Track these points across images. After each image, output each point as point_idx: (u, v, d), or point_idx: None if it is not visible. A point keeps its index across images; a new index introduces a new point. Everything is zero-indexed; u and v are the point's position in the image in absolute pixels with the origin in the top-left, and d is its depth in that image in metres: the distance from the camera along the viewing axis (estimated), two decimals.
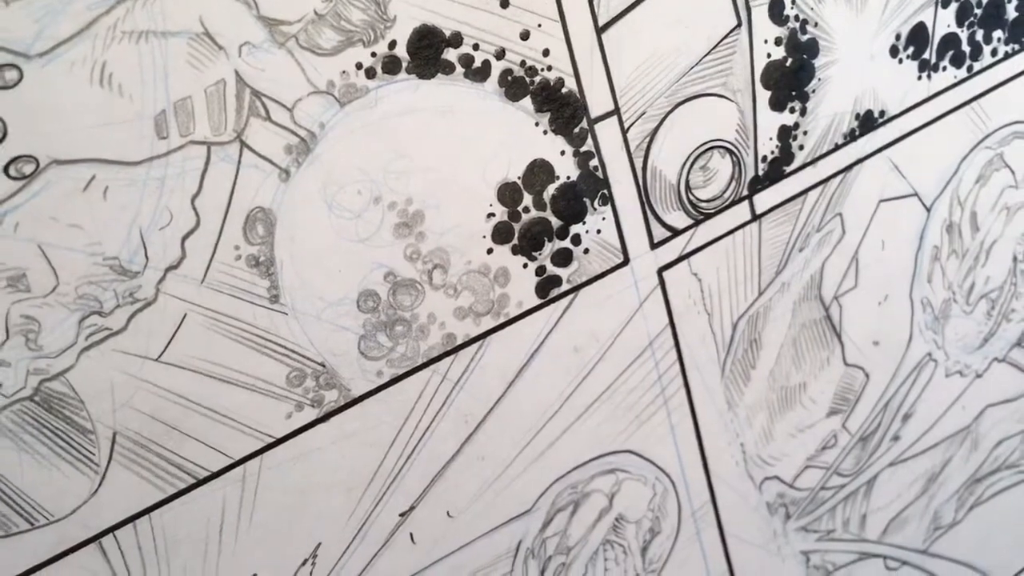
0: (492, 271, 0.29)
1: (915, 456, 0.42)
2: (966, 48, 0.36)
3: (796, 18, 0.32)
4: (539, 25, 0.28)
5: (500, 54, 0.27)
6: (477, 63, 0.27)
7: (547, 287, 0.30)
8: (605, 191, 0.30)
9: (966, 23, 0.36)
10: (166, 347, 0.25)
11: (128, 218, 0.24)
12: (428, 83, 0.26)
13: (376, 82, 0.26)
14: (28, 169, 0.22)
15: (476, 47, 0.27)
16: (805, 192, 0.34)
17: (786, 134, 0.33)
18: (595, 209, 0.30)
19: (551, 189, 0.29)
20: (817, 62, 0.33)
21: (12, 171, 0.22)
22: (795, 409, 0.37)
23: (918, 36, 0.35)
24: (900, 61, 0.35)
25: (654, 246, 0.32)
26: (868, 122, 0.35)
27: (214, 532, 0.27)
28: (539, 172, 0.29)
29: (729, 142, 0.32)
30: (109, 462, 0.25)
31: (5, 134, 0.22)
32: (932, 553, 0.45)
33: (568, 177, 0.29)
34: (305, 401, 0.27)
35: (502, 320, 0.29)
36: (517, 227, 0.29)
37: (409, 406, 0.29)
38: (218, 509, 0.27)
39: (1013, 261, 0.42)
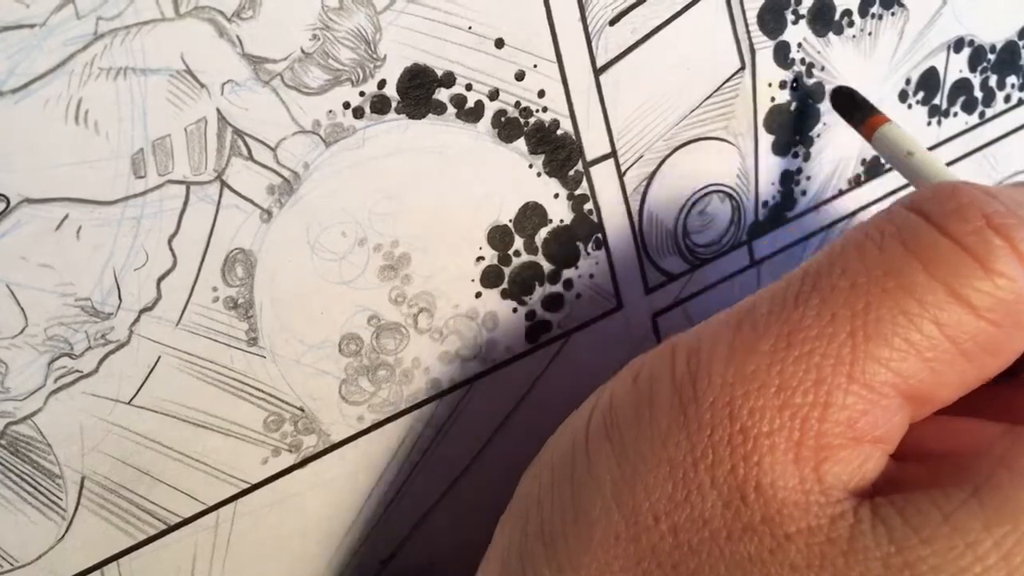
0: (480, 315, 0.28)
1: None
2: (978, 94, 0.35)
3: (802, 61, 0.31)
4: (535, 66, 0.27)
5: (494, 95, 0.26)
6: (470, 104, 0.26)
7: (537, 332, 0.29)
8: (599, 235, 0.29)
9: (979, 68, 0.35)
10: (138, 390, 0.24)
11: (102, 258, 0.23)
12: (418, 123, 0.26)
13: (364, 122, 0.25)
14: None
15: (469, 87, 0.26)
16: (806, 238, 0.33)
17: (788, 179, 0.32)
18: (588, 253, 0.29)
19: (543, 232, 0.28)
20: (823, 106, 0.32)
21: None
22: None
23: (929, 81, 0.34)
24: (909, 106, 0.34)
25: (649, 291, 0.31)
26: (874, 168, 0.34)
27: None
28: (531, 215, 0.28)
29: (729, 187, 0.31)
30: (77, 507, 0.24)
31: None
32: None
33: (561, 220, 0.28)
34: (282, 446, 0.26)
35: (489, 365, 0.29)
36: (507, 271, 0.28)
37: (391, 452, 0.28)
38: (189, 556, 0.26)
39: None
